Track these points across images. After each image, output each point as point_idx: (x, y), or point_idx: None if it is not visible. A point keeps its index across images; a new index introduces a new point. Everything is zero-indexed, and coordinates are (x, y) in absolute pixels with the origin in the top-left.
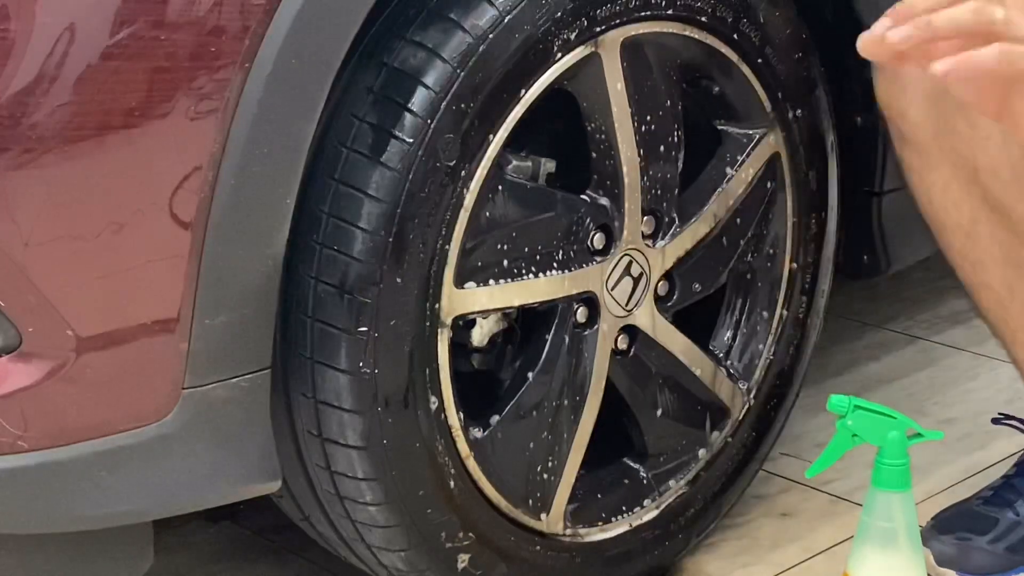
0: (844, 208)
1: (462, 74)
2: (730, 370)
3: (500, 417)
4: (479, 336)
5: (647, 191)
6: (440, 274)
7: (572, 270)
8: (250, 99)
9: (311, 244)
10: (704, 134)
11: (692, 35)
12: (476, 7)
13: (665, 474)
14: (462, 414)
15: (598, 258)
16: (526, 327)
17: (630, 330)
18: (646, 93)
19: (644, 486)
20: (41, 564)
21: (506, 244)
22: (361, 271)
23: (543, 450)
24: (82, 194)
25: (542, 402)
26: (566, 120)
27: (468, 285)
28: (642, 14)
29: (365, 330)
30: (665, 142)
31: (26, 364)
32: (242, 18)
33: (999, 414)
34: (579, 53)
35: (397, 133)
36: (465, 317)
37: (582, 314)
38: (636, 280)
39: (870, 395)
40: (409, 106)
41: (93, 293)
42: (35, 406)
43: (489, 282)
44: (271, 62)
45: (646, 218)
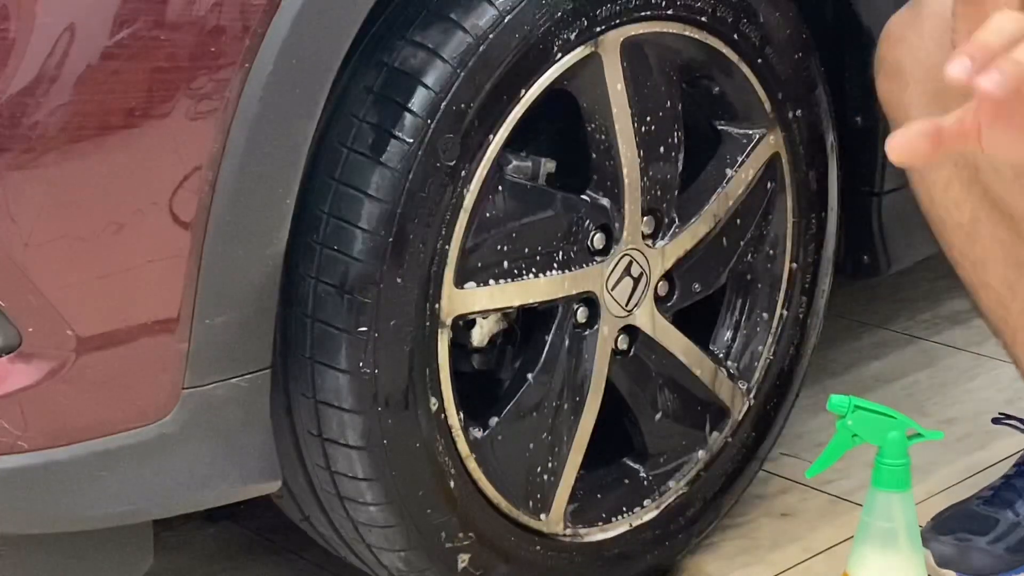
0: (844, 208)
1: (462, 74)
2: (730, 370)
3: (500, 417)
4: (479, 336)
5: (647, 191)
6: (440, 274)
7: (572, 270)
8: (250, 99)
9: (311, 244)
10: (704, 134)
11: (692, 35)
12: (476, 7)
13: (665, 474)
14: (462, 414)
15: (598, 258)
16: (526, 327)
17: (630, 330)
18: (646, 93)
19: (644, 486)
20: (41, 564)
21: (506, 244)
22: (361, 271)
23: (543, 450)
24: (82, 194)
25: (542, 402)
26: (566, 120)
27: (468, 285)
28: (642, 14)
29: (365, 330)
30: (665, 142)
31: (26, 364)
32: (242, 18)
33: (999, 414)
34: (579, 53)
35: (397, 133)
36: (465, 317)
37: (582, 314)
38: (636, 280)
39: (870, 395)
40: (409, 106)
41: (93, 293)
42: (35, 406)
43: (489, 282)
44: (271, 62)
45: (646, 218)
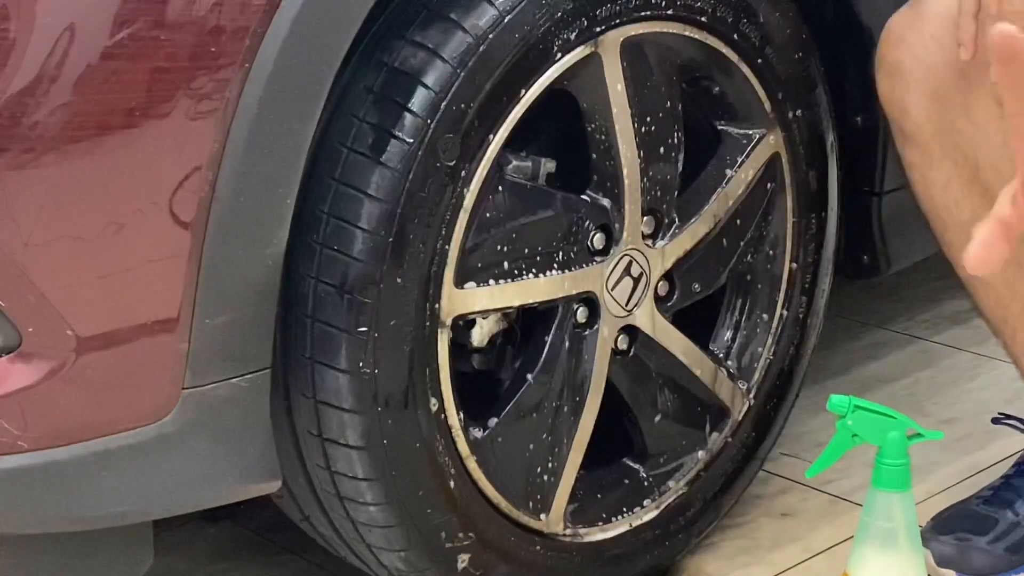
0: (844, 208)
1: (462, 74)
2: (730, 370)
3: (500, 417)
4: (479, 336)
5: (647, 191)
6: (440, 274)
7: (572, 270)
8: (250, 99)
9: (311, 244)
10: (704, 134)
11: (692, 35)
12: (476, 7)
13: (665, 474)
14: (462, 414)
15: (598, 258)
16: (526, 327)
17: (630, 330)
18: (646, 93)
19: (644, 486)
20: (41, 564)
21: (506, 244)
22: (361, 271)
23: (543, 450)
24: (82, 194)
25: (542, 402)
26: (566, 120)
27: (468, 285)
28: (642, 14)
29: (365, 330)
30: (665, 142)
31: (26, 364)
32: (242, 18)
33: (999, 414)
34: (579, 53)
35: (397, 133)
36: (465, 317)
37: (582, 314)
38: (636, 280)
39: (870, 395)
40: (409, 106)
41: (93, 293)
42: (35, 406)
43: (489, 282)
44: (271, 62)
45: (646, 218)
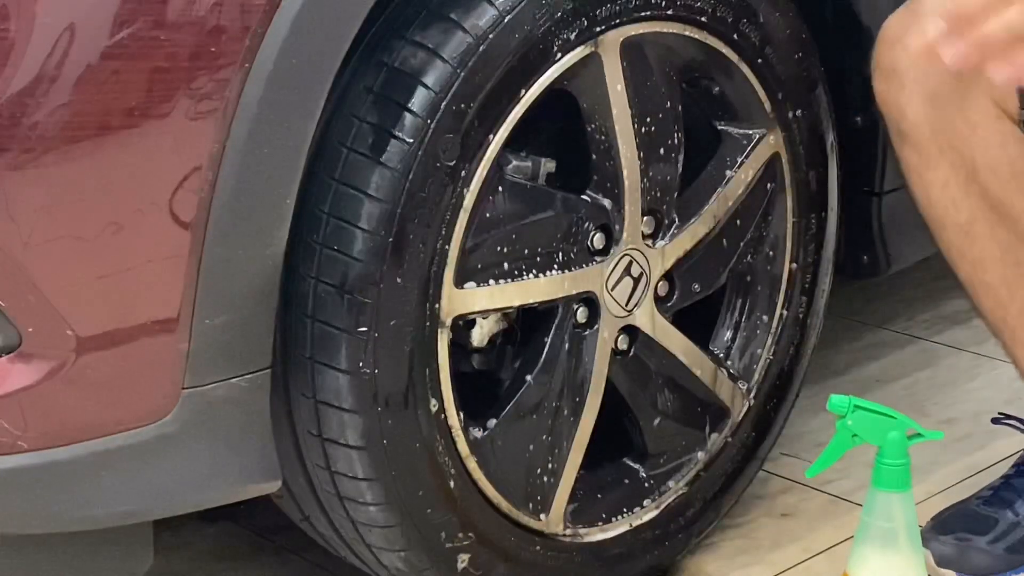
0: (844, 208)
1: (462, 74)
2: (730, 370)
3: (500, 417)
4: (479, 336)
5: (647, 191)
6: (440, 274)
7: (572, 270)
8: (250, 99)
9: (311, 244)
10: (704, 134)
11: (692, 35)
12: (476, 7)
13: (665, 474)
14: (462, 414)
15: (598, 258)
16: (526, 327)
17: (630, 330)
18: (646, 93)
19: (644, 486)
20: (41, 564)
21: (506, 244)
22: (361, 271)
23: (543, 450)
24: (82, 194)
25: (542, 402)
26: (566, 120)
27: (468, 285)
28: (642, 14)
29: (365, 330)
30: (665, 142)
31: (26, 364)
32: (242, 18)
33: (999, 414)
34: (579, 53)
35: (397, 133)
36: (465, 317)
37: (582, 314)
38: (636, 280)
39: (870, 395)
40: (409, 106)
41: (93, 293)
42: (35, 406)
43: (489, 282)
44: (271, 62)
45: (646, 218)
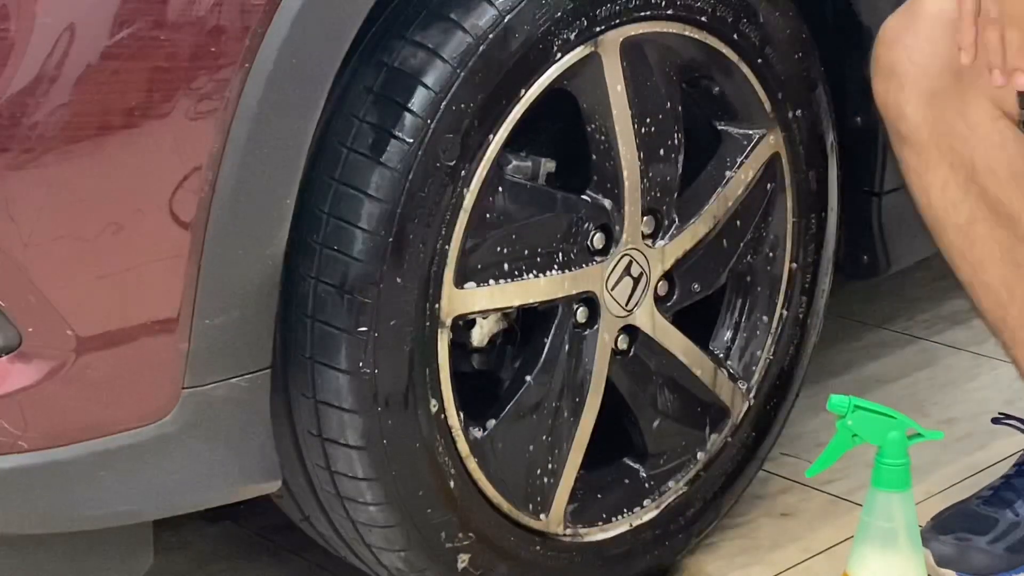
0: (844, 208)
1: (462, 74)
2: (730, 370)
3: (500, 417)
4: (479, 336)
5: (647, 191)
6: (440, 274)
7: (572, 270)
8: (250, 99)
9: (311, 244)
10: (704, 134)
11: (692, 35)
12: (476, 7)
13: (665, 474)
14: (462, 414)
15: (598, 258)
16: (526, 327)
17: (630, 330)
18: (646, 93)
19: (644, 486)
20: (41, 564)
21: (506, 244)
22: (361, 271)
23: (543, 450)
24: (82, 194)
25: (542, 402)
26: (566, 120)
27: (468, 285)
28: (642, 14)
29: (365, 330)
30: (665, 142)
31: (26, 364)
32: (242, 18)
33: (999, 414)
34: (579, 53)
35: (397, 133)
36: (465, 317)
37: (582, 314)
38: (636, 280)
39: (870, 395)
40: (409, 106)
41: (93, 293)
42: (35, 406)
43: (489, 282)
44: (271, 62)
45: (646, 218)
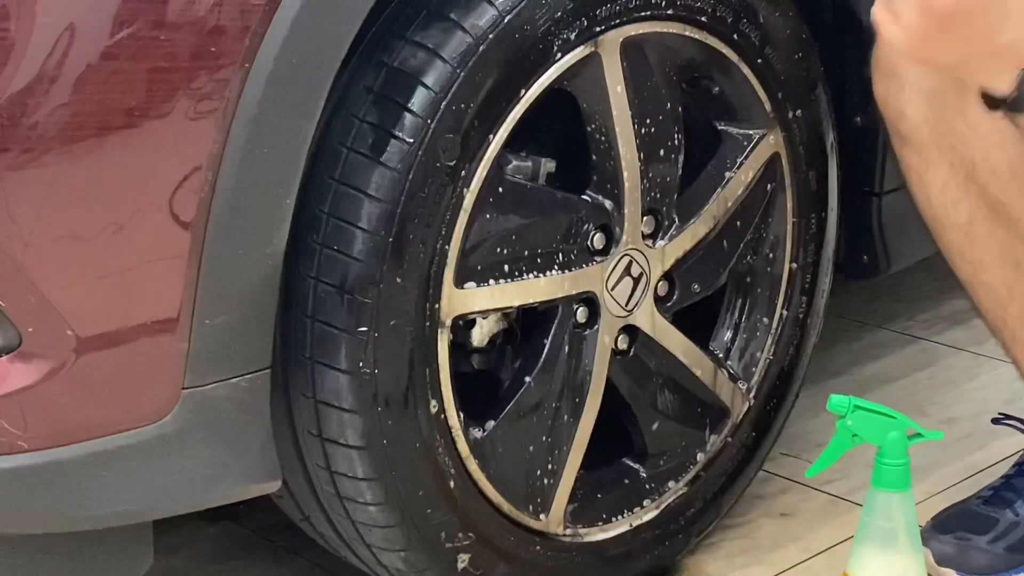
0: (844, 208)
1: (462, 74)
2: (730, 370)
3: (500, 417)
4: (479, 336)
5: (647, 192)
6: (440, 274)
7: (572, 270)
8: (250, 99)
9: (311, 244)
10: (704, 134)
11: (692, 35)
12: (476, 7)
13: (665, 474)
14: (462, 414)
15: (598, 258)
16: (526, 327)
17: (630, 330)
18: (646, 93)
19: (644, 486)
20: (41, 564)
21: (506, 244)
22: (361, 271)
23: (543, 450)
24: (82, 194)
25: (542, 402)
26: (566, 120)
27: (468, 285)
28: (642, 14)
29: (365, 330)
30: (665, 143)
31: (26, 364)
32: (242, 18)
33: (999, 414)
34: (579, 53)
35: (397, 133)
36: (465, 317)
37: (582, 314)
38: (636, 280)
39: (870, 395)
40: (409, 106)
41: (93, 293)
42: (35, 406)
43: (489, 282)
44: (271, 62)
45: (646, 218)
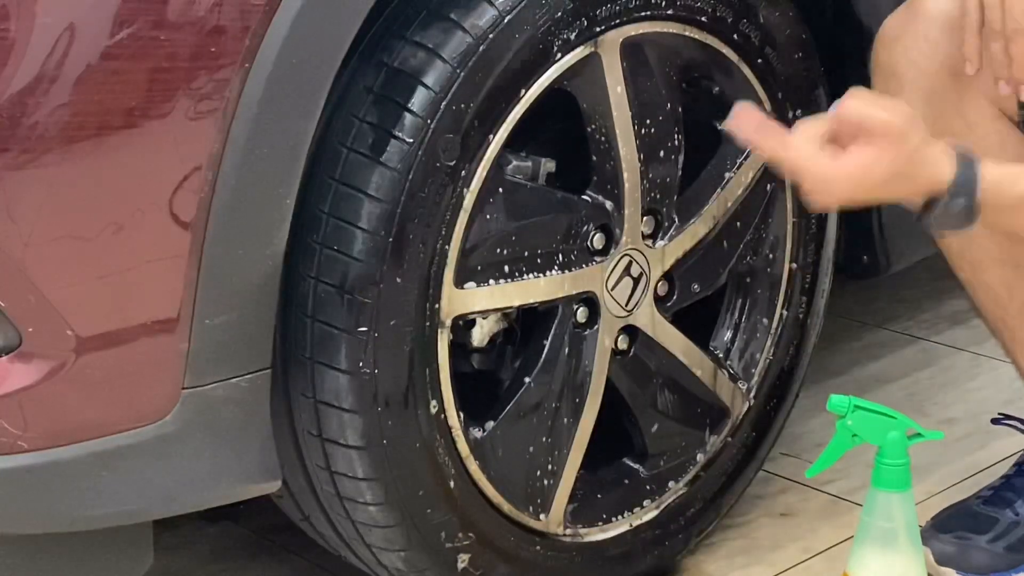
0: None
1: (462, 74)
2: (730, 370)
3: (500, 417)
4: (479, 336)
5: (647, 192)
6: (440, 274)
7: (572, 270)
8: (250, 99)
9: (311, 244)
10: (704, 134)
11: (692, 35)
12: (476, 7)
13: (665, 474)
14: (462, 414)
15: (598, 258)
16: (526, 327)
17: (630, 330)
18: (646, 93)
19: (644, 486)
20: (41, 564)
21: (506, 244)
22: (361, 271)
23: (543, 450)
24: (82, 194)
25: (542, 402)
26: (566, 120)
27: (468, 285)
28: (642, 14)
29: (365, 330)
30: (665, 143)
31: (26, 364)
32: (242, 18)
33: (999, 414)
34: (579, 53)
35: (397, 133)
36: (465, 317)
37: (582, 314)
38: (636, 280)
39: (870, 395)
40: (409, 106)
41: (93, 293)
42: (35, 406)
43: (489, 282)
44: (271, 62)
45: (646, 218)
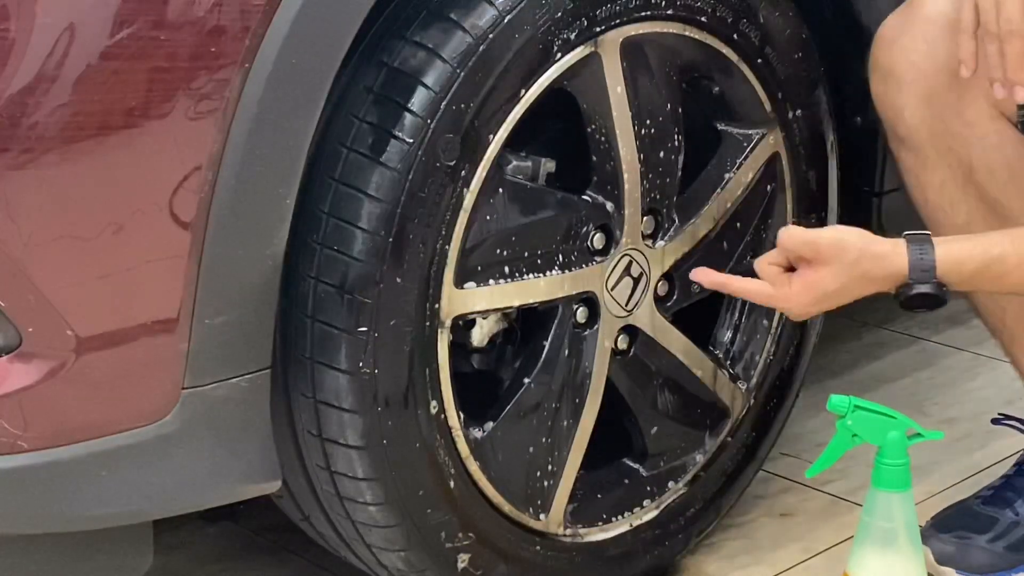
0: (844, 208)
1: (462, 74)
2: (730, 371)
3: (500, 417)
4: (479, 336)
5: (647, 192)
6: (440, 274)
7: (572, 270)
8: (250, 99)
9: (311, 244)
10: (704, 134)
11: (692, 35)
12: (476, 7)
13: (665, 474)
14: (462, 414)
15: (598, 258)
16: (526, 327)
17: (630, 330)
18: (646, 93)
19: (644, 486)
20: (41, 564)
21: (506, 244)
22: (361, 271)
23: (543, 450)
24: (82, 194)
25: (542, 402)
26: (566, 120)
27: (468, 285)
28: (642, 14)
29: (365, 330)
30: (665, 143)
31: (26, 364)
32: (242, 18)
33: (999, 414)
34: (579, 53)
35: (397, 133)
36: (465, 317)
37: (582, 314)
38: (636, 280)
39: (870, 395)
40: (409, 106)
41: (93, 293)
42: (35, 406)
43: (489, 282)
44: (271, 62)
45: (646, 218)
